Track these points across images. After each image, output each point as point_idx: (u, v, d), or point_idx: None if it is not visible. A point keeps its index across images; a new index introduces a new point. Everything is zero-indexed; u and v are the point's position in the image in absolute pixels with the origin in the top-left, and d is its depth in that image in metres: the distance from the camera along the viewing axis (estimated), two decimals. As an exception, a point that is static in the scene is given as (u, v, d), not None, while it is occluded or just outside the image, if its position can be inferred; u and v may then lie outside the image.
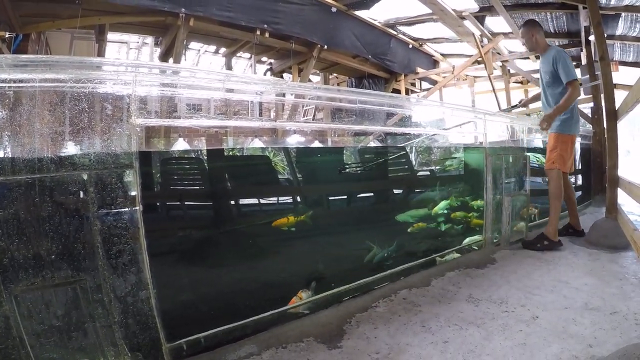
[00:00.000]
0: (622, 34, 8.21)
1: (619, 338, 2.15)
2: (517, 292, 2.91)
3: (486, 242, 4.20)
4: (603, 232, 4.11)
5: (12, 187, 1.59)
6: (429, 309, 2.66)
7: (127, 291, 1.84)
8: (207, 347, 2.17)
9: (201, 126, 3.14)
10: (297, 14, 8.74)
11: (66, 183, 1.70)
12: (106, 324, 1.76)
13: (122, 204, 1.82)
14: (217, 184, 3.45)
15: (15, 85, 1.66)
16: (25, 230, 1.61)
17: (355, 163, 4.98)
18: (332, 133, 6.16)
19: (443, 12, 8.38)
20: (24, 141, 1.68)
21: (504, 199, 4.21)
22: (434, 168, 6.08)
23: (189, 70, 3.04)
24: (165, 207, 3.28)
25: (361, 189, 4.70)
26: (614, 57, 9.50)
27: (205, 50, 13.13)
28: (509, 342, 2.17)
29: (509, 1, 7.87)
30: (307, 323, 2.50)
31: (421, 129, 4.43)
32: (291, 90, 3.22)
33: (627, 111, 3.86)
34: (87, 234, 1.73)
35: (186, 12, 7.29)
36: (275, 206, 3.98)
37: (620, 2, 6.61)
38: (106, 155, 1.81)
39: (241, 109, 12.33)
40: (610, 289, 2.88)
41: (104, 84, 1.85)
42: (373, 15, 10.15)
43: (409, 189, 5.36)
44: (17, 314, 1.58)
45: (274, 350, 2.15)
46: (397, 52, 11.53)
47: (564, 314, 2.50)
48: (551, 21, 8.49)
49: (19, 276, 1.59)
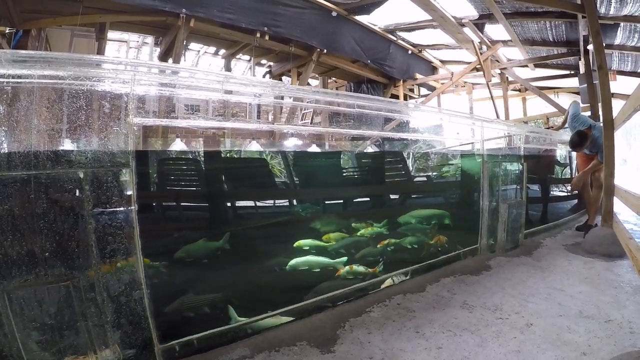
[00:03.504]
0: (620, 44, 8.24)
1: (613, 346, 2.15)
2: (511, 299, 2.91)
3: (481, 248, 4.20)
4: (599, 240, 4.12)
5: (6, 183, 1.58)
6: (423, 314, 2.66)
7: (120, 291, 1.83)
8: (199, 349, 2.16)
9: (199, 127, 3.14)
10: (297, 17, 8.74)
11: (62, 180, 1.69)
12: (99, 323, 1.75)
13: (117, 203, 1.81)
14: (213, 185, 3.44)
15: (13, 81, 1.65)
16: (19, 227, 1.60)
17: (352, 168, 4.93)
18: (329, 137, 6.16)
19: (443, 18, 8.40)
20: (21, 137, 1.68)
21: (500, 205, 4.22)
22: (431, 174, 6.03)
23: (188, 70, 3.03)
24: (161, 207, 3.27)
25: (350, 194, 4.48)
26: (612, 67, 9.54)
27: (204, 52, 13.12)
28: (502, 349, 2.17)
29: (508, 9, 7.89)
30: (300, 326, 2.50)
31: (419, 134, 4.43)
32: (290, 93, 3.21)
33: (624, 120, 3.88)
34: (82, 232, 1.72)
35: (187, 12, 7.28)
36: (271, 208, 3.96)
37: (619, 12, 6.64)
38: (103, 154, 1.80)
39: (239, 111, 12.33)
40: (605, 297, 2.88)
41: (102, 82, 1.85)
42: (373, 20, 10.15)
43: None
44: (10, 311, 1.57)
45: (266, 354, 2.14)
46: (396, 58, 11.54)
47: (559, 322, 2.50)
48: (550, 30, 8.53)
49: (11, 273, 1.58)
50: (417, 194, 5.24)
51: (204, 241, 2.97)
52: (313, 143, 4.86)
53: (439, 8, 8.01)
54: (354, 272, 3.33)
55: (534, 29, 8.64)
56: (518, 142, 4.91)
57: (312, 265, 3.29)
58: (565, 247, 4.35)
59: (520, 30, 8.84)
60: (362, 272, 3.36)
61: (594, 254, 4.01)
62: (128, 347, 1.84)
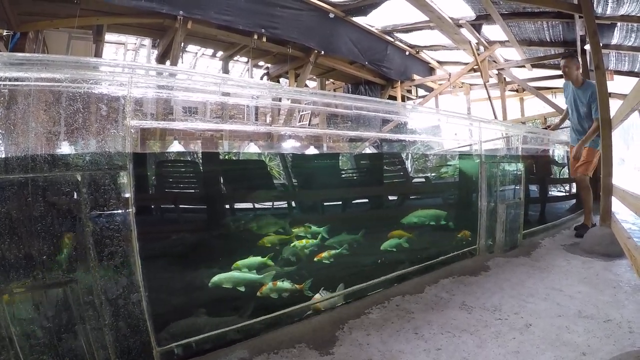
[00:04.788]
0: (617, 44, 8.27)
1: (612, 346, 2.15)
2: (510, 299, 2.91)
3: (480, 249, 4.20)
4: (597, 240, 4.12)
5: (3, 186, 1.58)
6: (422, 316, 2.66)
7: (118, 294, 1.82)
8: (198, 352, 2.16)
9: (196, 129, 3.13)
10: (294, 19, 8.74)
11: (59, 183, 1.69)
12: (97, 326, 1.75)
13: (115, 206, 1.81)
14: (211, 187, 3.43)
15: (10, 84, 1.65)
16: (16, 230, 1.59)
17: (351, 169, 4.89)
18: (327, 138, 6.15)
19: (440, 19, 8.42)
20: (18, 140, 1.67)
21: (499, 206, 4.22)
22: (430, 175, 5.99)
23: (185, 72, 3.04)
24: (159, 210, 3.26)
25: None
26: (609, 66, 9.56)
27: (202, 54, 13.12)
28: (502, 350, 2.17)
29: (505, 10, 7.91)
30: (299, 328, 2.49)
31: (417, 136, 4.43)
32: (287, 95, 3.22)
33: (621, 120, 3.88)
34: (79, 235, 1.72)
35: (184, 14, 7.28)
36: (270, 210, 3.94)
37: (616, 12, 6.66)
38: (100, 156, 1.80)
39: (237, 113, 12.33)
40: (603, 297, 2.88)
41: (99, 84, 1.85)
42: (370, 21, 10.17)
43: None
44: (7, 314, 1.56)
45: (265, 356, 2.13)
46: (393, 59, 11.56)
47: (558, 322, 2.50)
48: (547, 30, 8.56)
49: (9, 276, 1.57)
50: (414, 195, 5.22)
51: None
52: (311, 145, 4.85)
53: (436, 9, 8.03)
54: (277, 289, 2.79)
55: (531, 30, 8.67)
56: (516, 143, 4.92)
57: (237, 282, 2.77)
58: (564, 247, 4.36)
59: (517, 31, 8.87)
60: (287, 288, 2.82)
61: (592, 253, 4.02)
62: (126, 349, 1.83)
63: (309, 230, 3.45)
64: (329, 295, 2.92)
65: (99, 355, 1.75)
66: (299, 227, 3.44)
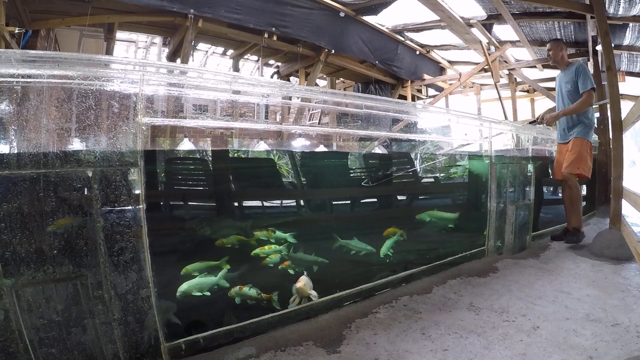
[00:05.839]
0: (629, 44, 8.20)
1: (620, 350, 2.14)
2: (518, 301, 2.90)
3: (488, 250, 4.19)
4: (606, 243, 4.09)
5: (16, 182, 1.60)
6: (429, 316, 2.65)
7: (128, 289, 1.84)
8: (205, 348, 2.17)
9: (207, 127, 3.14)
10: (305, 17, 8.75)
11: (71, 179, 1.71)
12: (106, 321, 1.77)
13: (125, 202, 1.83)
14: (221, 184, 3.45)
15: (23, 81, 1.67)
16: (29, 225, 1.61)
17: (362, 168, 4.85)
18: (337, 137, 6.16)
19: (451, 19, 8.39)
20: (30, 136, 1.69)
21: (508, 207, 4.20)
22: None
23: (196, 70, 3.05)
24: (169, 207, 3.29)
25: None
26: (621, 67, 9.50)
27: (213, 52, 13.17)
28: (509, 352, 2.16)
29: (516, 9, 7.87)
30: (306, 326, 2.50)
31: (427, 135, 4.41)
32: (297, 93, 3.22)
33: (633, 122, 3.85)
34: (90, 230, 1.74)
35: (195, 13, 7.32)
36: (278, 208, 3.96)
37: (628, 12, 6.60)
38: (111, 153, 1.82)
39: (247, 111, 12.36)
40: (612, 301, 2.86)
41: (111, 82, 1.86)
42: (381, 21, 10.16)
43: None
44: (17, 307, 1.58)
45: (272, 353, 2.14)
46: (404, 58, 11.54)
47: (565, 325, 2.48)
48: (559, 30, 8.50)
49: (20, 270, 1.60)
50: (423, 196, 5.20)
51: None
52: (321, 143, 4.84)
53: (447, 8, 8.00)
54: (242, 294, 2.66)
55: (542, 30, 8.62)
56: (526, 143, 4.88)
57: (204, 287, 2.61)
58: (573, 250, 4.33)
59: (528, 31, 8.81)
60: (252, 296, 2.66)
61: (601, 256, 3.99)
62: (134, 344, 1.85)
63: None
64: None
65: (107, 349, 1.77)
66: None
